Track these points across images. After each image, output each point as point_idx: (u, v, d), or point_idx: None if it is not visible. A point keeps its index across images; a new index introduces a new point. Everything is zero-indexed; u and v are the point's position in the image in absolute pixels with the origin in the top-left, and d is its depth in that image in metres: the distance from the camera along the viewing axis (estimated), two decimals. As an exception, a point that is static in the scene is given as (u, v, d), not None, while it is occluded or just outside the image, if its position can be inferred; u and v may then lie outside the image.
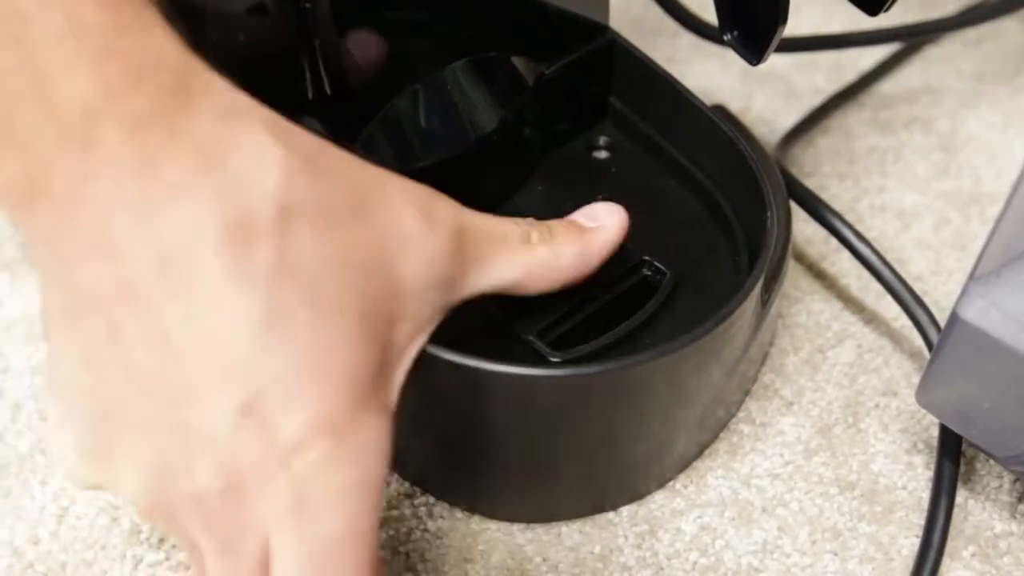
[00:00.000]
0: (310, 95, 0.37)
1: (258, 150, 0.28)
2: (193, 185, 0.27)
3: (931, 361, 0.36)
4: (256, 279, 0.27)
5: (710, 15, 0.41)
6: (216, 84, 0.28)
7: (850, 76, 0.57)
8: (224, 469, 0.28)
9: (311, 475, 0.28)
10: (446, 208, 0.32)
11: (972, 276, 0.34)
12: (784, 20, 0.38)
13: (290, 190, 0.28)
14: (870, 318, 0.46)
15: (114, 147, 0.27)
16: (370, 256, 0.29)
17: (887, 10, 0.39)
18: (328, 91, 0.37)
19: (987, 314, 0.33)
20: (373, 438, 0.29)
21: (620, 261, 0.39)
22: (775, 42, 0.39)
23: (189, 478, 0.28)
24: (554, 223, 0.36)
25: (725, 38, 0.41)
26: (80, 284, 0.28)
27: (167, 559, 0.38)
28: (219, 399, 0.27)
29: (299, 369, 0.27)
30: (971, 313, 0.33)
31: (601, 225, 0.36)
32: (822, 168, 0.53)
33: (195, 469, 0.28)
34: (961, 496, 0.40)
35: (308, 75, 0.37)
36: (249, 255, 0.27)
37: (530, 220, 0.36)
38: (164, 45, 0.28)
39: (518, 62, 0.42)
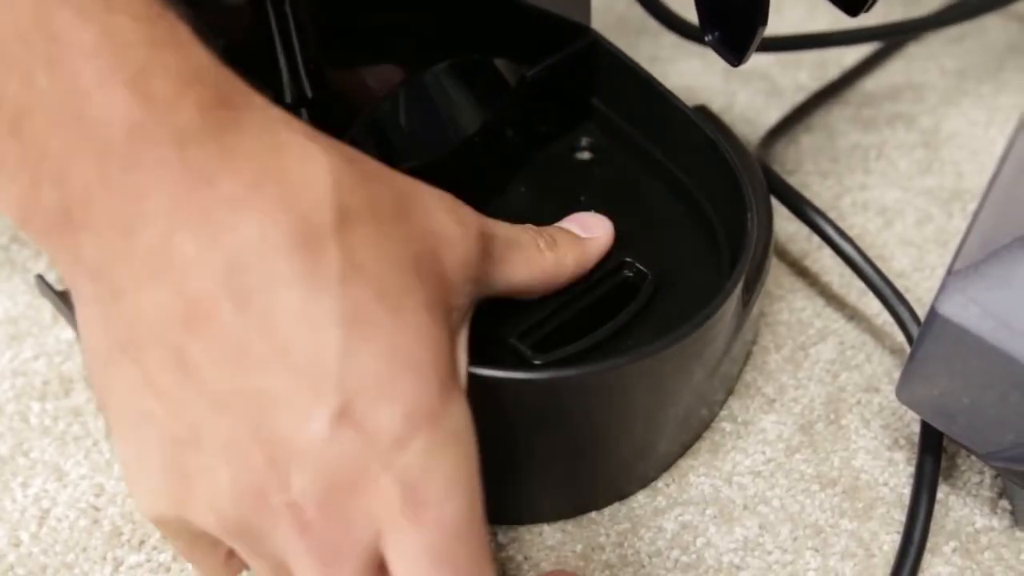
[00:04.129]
0: (290, 99, 0.37)
1: (308, 159, 0.28)
2: (253, 197, 0.27)
3: (911, 357, 0.36)
4: (330, 281, 0.27)
5: (692, 15, 0.41)
6: (254, 97, 0.28)
7: (833, 73, 0.57)
8: (323, 476, 0.27)
9: (418, 467, 0.28)
10: (470, 212, 0.32)
11: (950, 271, 0.34)
12: (764, 21, 0.38)
13: (344, 194, 0.28)
14: (852, 315, 0.46)
15: (165, 164, 0.26)
16: (421, 252, 0.29)
17: (867, 11, 0.39)
18: (309, 94, 0.37)
19: (965, 309, 0.33)
20: (464, 419, 0.29)
21: (602, 263, 0.39)
22: (755, 43, 0.39)
23: (283, 490, 0.27)
24: (554, 232, 0.37)
25: (706, 39, 0.41)
26: (138, 314, 0.28)
27: (148, 561, 0.38)
28: (311, 407, 0.27)
29: (386, 364, 0.27)
30: (949, 308, 0.33)
31: (593, 237, 0.39)
32: (805, 166, 0.53)
33: (290, 480, 0.27)
34: (942, 492, 0.40)
35: (288, 78, 0.37)
36: (318, 259, 0.27)
37: (531, 227, 0.36)
38: (202, 59, 0.28)
39: (500, 64, 0.42)
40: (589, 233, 0.39)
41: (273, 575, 0.30)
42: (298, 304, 0.27)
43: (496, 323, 0.37)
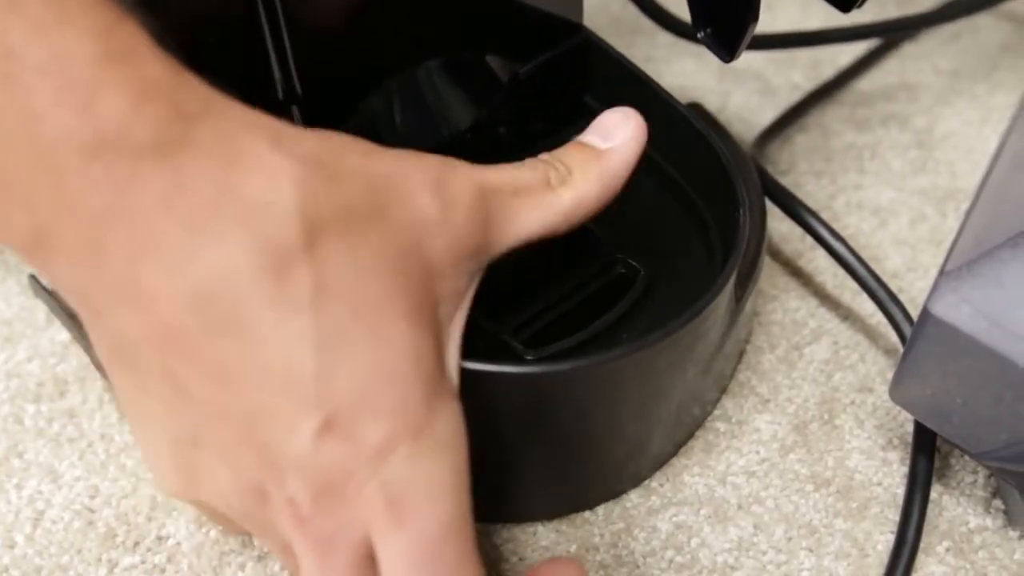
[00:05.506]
0: (281, 96, 0.37)
1: (270, 172, 0.27)
2: (213, 221, 0.26)
3: (904, 357, 0.36)
4: (300, 305, 0.26)
5: (686, 14, 0.41)
6: (213, 102, 0.27)
7: (827, 73, 0.57)
8: (313, 481, 0.28)
9: (401, 476, 0.28)
10: (462, 176, 0.31)
11: (943, 271, 0.34)
12: (756, 17, 0.38)
13: (309, 204, 0.27)
14: (846, 315, 0.46)
15: (120, 189, 0.26)
16: (399, 250, 0.29)
17: (859, 7, 0.39)
18: (299, 91, 0.37)
19: (958, 309, 0.33)
20: (451, 425, 0.29)
21: (594, 259, 0.39)
22: (747, 39, 0.39)
23: (280, 488, 0.28)
24: (567, 154, 0.34)
25: (698, 35, 0.41)
26: (119, 333, 0.27)
27: (143, 562, 0.38)
28: (295, 423, 0.27)
29: (366, 382, 0.27)
30: (941, 308, 0.33)
31: (615, 145, 0.34)
32: (798, 165, 0.53)
33: (285, 480, 0.28)
34: (936, 492, 0.40)
35: (279, 76, 0.37)
36: (287, 282, 0.26)
37: (544, 158, 0.34)
38: (157, 70, 0.26)
39: (492, 61, 0.42)
40: (609, 140, 0.34)
41: (282, 552, 0.31)
42: (271, 329, 0.26)
43: (488, 319, 0.37)
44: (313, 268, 0.27)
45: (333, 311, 0.27)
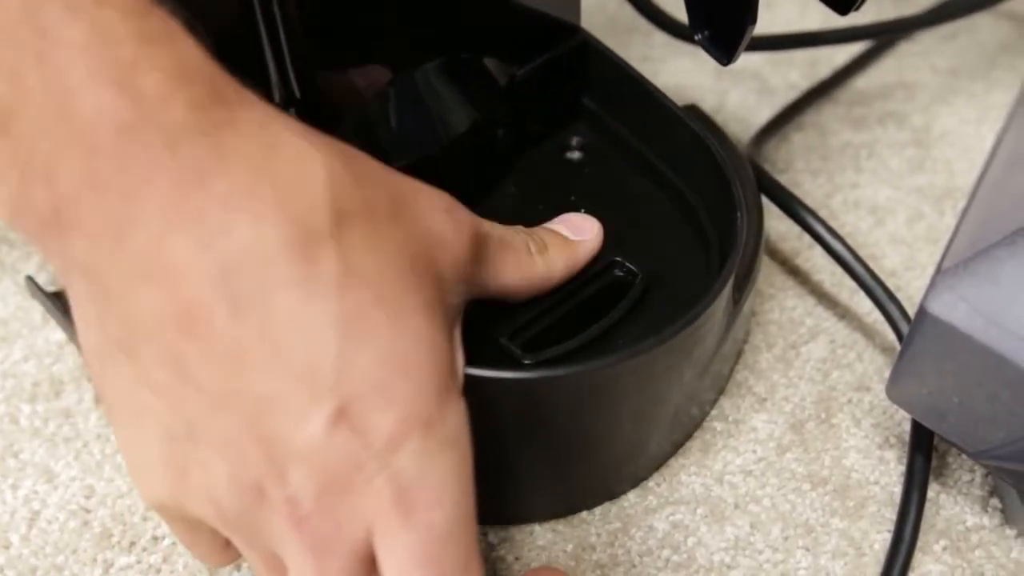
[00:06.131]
0: (278, 99, 0.37)
1: (303, 159, 0.27)
2: (248, 198, 0.26)
3: (900, 356, 0.36)
4: (327, 286, 0.27)
5: (683, 14, 0.41)
6: (247, 94, 0.28)
7: (824, 72, 0.57)
8: (319, 473, 0.27)
9: (411, 471, 0.28)
10: (465, 213, 0.32)
11: (939, 269, 0.34)
12: (753, 20, 0.38)
13: (340, 195, 0.28)
14: (843, 314, 0.46)
15: (157, 164, 0.26)
16: (414, 252, 0.29)
17: (856, 9, 0.39)
18: (297, 94, 0.37)
19: (954, 308, 0.33)
20: (459, 422, 0.29)
21: (592, 262, 0.39)
22: (745, 42, 0.39)
23: (281, 485, 0.28)
24: (544, 234, 0.37)
25: (696, 38, 0.41)
26: (131, 315, 0.27)
27: (138, 562, 0.38)
28: (308, 409, 0.27)
29: (383, 369, 0.27)
30: (938, 307, 0.33)
31: (583, 239, 0.38)
32: (796, 164, 0.53)
33: (287, 475, 0.27)
34: (933, 490, 0.40)
35: (277, 78, 0.36)
36: (315, 263, 0.27)
37: (525, 230, 0.37)
38: (193, 55, 0.27)
39: (490, 63, 0.42)
40: (579, 235, 0.38)
41: (266, 566, 0.30)
42: (294, 308, 0.27)
43: (486, 323, 0.36)
44: (340, 252, 0.27)
45: (357, 295, 0.27)
